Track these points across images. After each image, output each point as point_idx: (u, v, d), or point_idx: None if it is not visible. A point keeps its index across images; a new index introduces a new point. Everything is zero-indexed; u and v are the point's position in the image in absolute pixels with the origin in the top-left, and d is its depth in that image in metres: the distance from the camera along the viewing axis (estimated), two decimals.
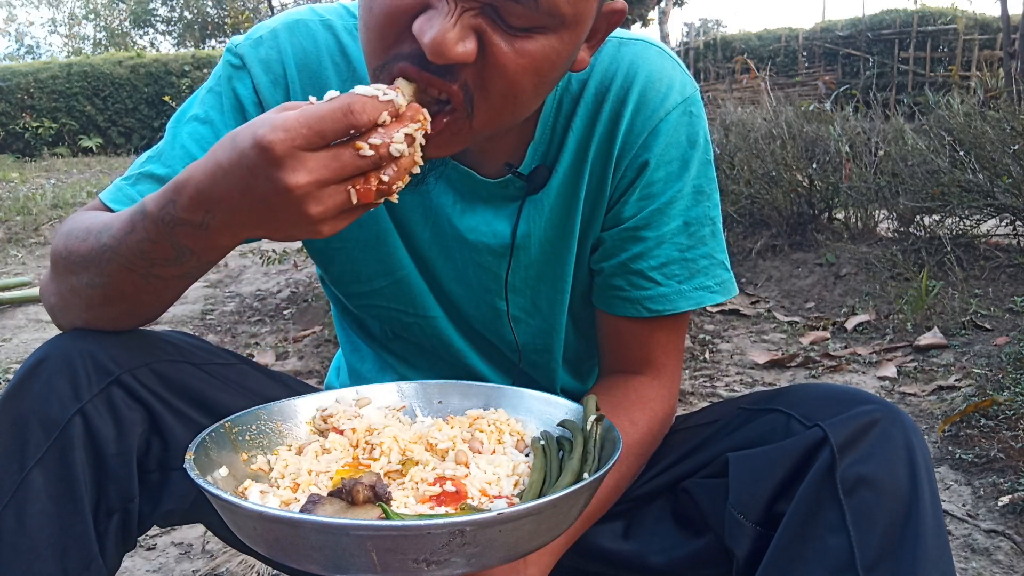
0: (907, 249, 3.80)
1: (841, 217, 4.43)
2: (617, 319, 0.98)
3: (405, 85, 0.71)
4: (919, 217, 3.92)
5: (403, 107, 0.67)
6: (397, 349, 1.09)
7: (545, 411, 0.86)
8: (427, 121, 0.69)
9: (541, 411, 0.86)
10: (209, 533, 1.32)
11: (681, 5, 13.97)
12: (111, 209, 0.88)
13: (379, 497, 0.65)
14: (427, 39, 0.68)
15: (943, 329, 3.04)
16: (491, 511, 0.59)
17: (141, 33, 29.07)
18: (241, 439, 0.78)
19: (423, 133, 0.68)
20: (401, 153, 0.66)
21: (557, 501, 0.62)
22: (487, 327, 1.02)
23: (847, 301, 3.61)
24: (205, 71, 14.01)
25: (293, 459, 0.76)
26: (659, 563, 0.91)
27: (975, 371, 2.56)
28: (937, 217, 3.87)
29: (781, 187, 4.29)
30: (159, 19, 28.12)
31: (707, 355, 3.09)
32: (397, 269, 0.99)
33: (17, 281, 4.67)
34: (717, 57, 16.15)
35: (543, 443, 0.78)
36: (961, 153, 3.71)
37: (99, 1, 29.88)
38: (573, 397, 1.10)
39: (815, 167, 4.31)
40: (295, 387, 1.00)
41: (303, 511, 0.64)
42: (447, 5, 0.69)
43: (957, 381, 2.56)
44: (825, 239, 4.21)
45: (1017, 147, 3.50)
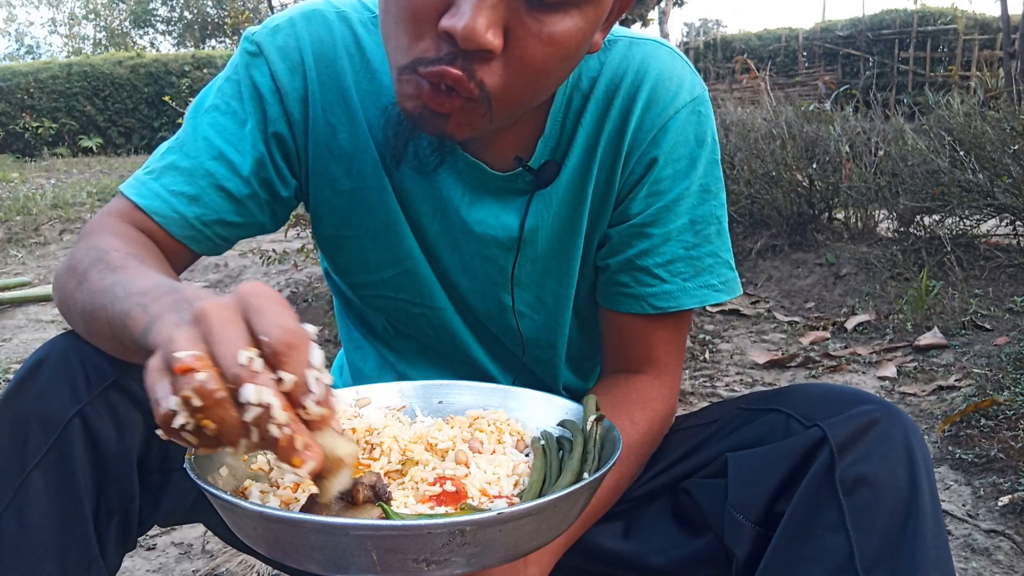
0: (907, 249, 3.81)
1: (841, 217, 4.43)
2: (620, 316, 0.98)
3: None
4: (919, 217, 3.92)
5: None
6: (399, 346, 1.09)
7: (545, 411, 0.85)
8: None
9: (541, 411, 0.86)
10: (209, 533, 1.32)
11: (681, 5, 13.97)
12: (138, 205, 0.88)
13: (379, 497, 0.65)
14: (460, 26, 0.69)
15: (943, 329, 3.04)
16: (491, 511, 0.59)
17: (141, 33, 29.08)
18: None
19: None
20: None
21: (557, 501, 0.62)
22: (492, 320, 1.03)
23: (847, 301, 3.61)
24: (205, 71, 14.02)
25: None
26: (659, 563, 0.91)
27: (975, 371, 2.56)
28: (937, 217, 3.87)
29: (781, 187, 4.30)
30: (159, 19, 28.14)
31: (707, 355, 3.09)
32: (405, 259, 0.99)
33: (17, 281, 4.67)
34: (717, 57, 16.15)
35: (543, 443, 0.78)
36: (961, 153, 3.71)
37: (99, 1, 29.89)
38: (575, 395, 1.10)
39: (815, 167, 4.31)
40: None
41: (303, 511, 0.64)
42: None
43: (957, 381, 2.56)
44: (825, 239, 4.21)
45: (1017, 147, 3.50)
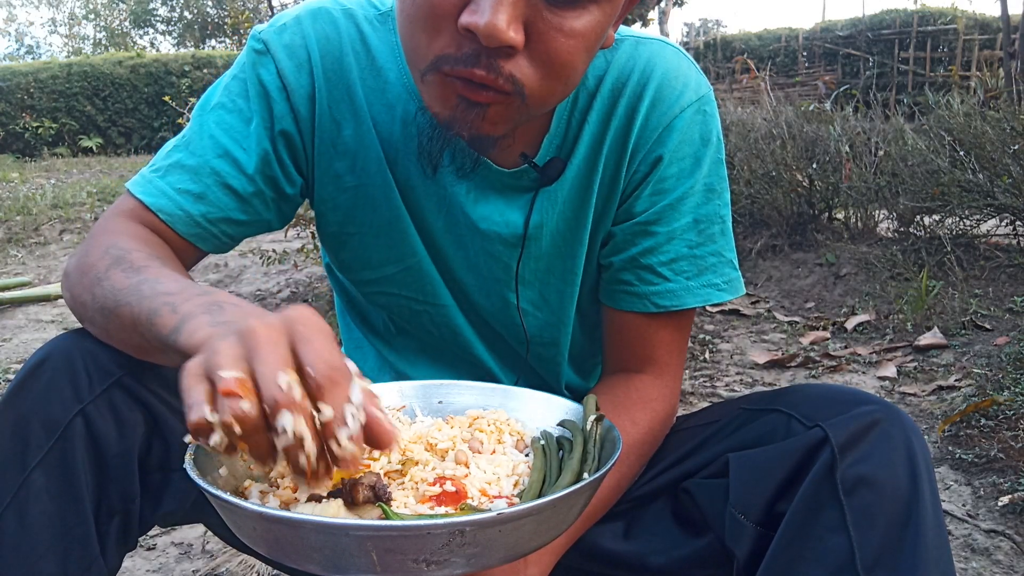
0: (907, 249, 3.81)
1: (841, 217, 4.43)
2: (623, 314, 0.98)
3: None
4: (919, 217, 3.92)
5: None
6: (399, 345, 1.09)
7: (545, 411, 0.85)
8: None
9: (541, 411, 0.86)
10: (209, 533, 1.32)
11: (681, 5, 13.97)
12: (145, 204, 0.88)
13: (379, 497, 0.65)
14: (482, 23, 0.69)
15: (943, 329, 3.04)
16: (491, 511, 0.59)
17: (141, 33, 29.08)
18: None
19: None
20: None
21: (557, 501, 0.62)
22: (496, 318, 1.03)
23: (847, 301, 3.61)
24: (205, 71, 14.02)
25: None
26: (659, 563, 0.91)
27: (975, 371, 2.56)
28: (937, 217, 3.87)
29: (781, 187, 4.29)
30: (159, 19, 28.13)
31: (707, 355, 3.09)
32: (409, 256, 0.99)
33: (17, 281, 4.67)
34: (717, 57, 16.14)
35: (543, 443, 0.77)
36: (961, 153, 3.71)
37: (99, 1, 29.88)
38: (577, 394, 1.10)
39: (815, 167, 4.31)
40: None
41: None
42: None
43: (957, 381, 2.56)
44: (825, 239, 4.21)
45: (1017, 147, 3.50)
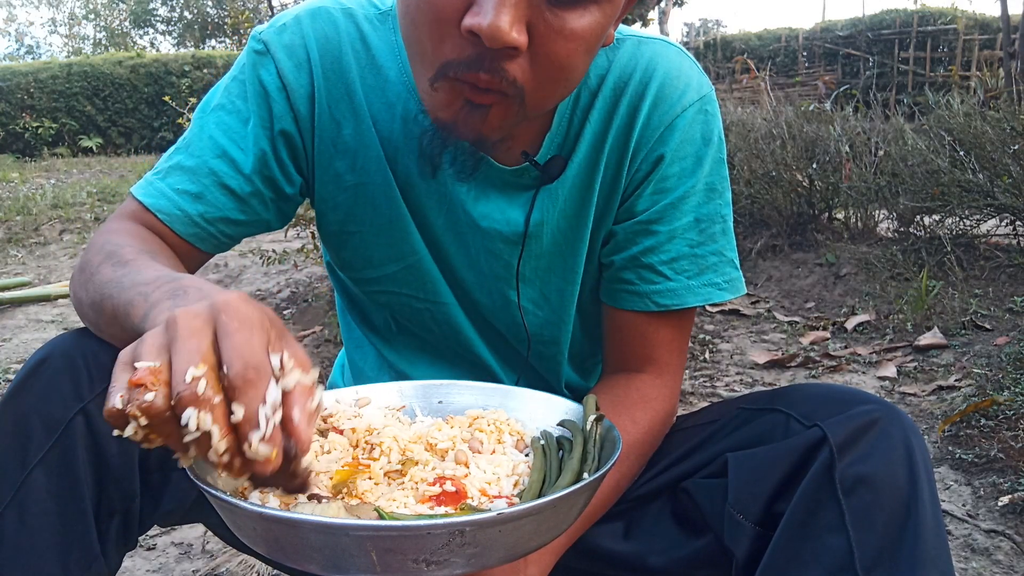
0: (907, 249, 3.81)
1: (841, 217, 4.43)
2: (623, 313, 0.98)
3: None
4: (919, 217, 3.92)
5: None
6: (400, 343, 1.09)
7: (545, 411, 0.86)
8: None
9: (541, 411, 0.86)
10: (209, 533, 1.32)
11: (681, 5, 13.98)
12: (145, 205, 0.90)
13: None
14: (485, 24, 0.70)
15: (943, 329, 3.04)
16: (491, 511, 0.59)
17: (141, 33, 29.08)
18: None
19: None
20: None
21: (557, 501, 0.62)
22: (496, 316, 1.03)
23: (847, 301, 3.61)
24: (205, 71, 14.02)
25: None
26: (659, 563, 0.91)
27: (975, 371, 2.56)
28: (937, 217, 3.87)
29: (781, 187, 4.30)
30: (159, 19, 28.13)
31: (707, 355, 3.09)
32: (409, 254, 0.99)
33: (17, 281, 4.66)
34: (717, 57, 16.14)
35: (543, 443, 0.78)
36: (961, 153, 3.71)
37: (99, 1, 29.88)
38: (577, 393, 1.10)
39: (815, 167, 4.31)
40: None
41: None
42: None
43: (957, 381, 2.56)
44: (825, 239, 4.21)
45: (1017, 147, 3.50)
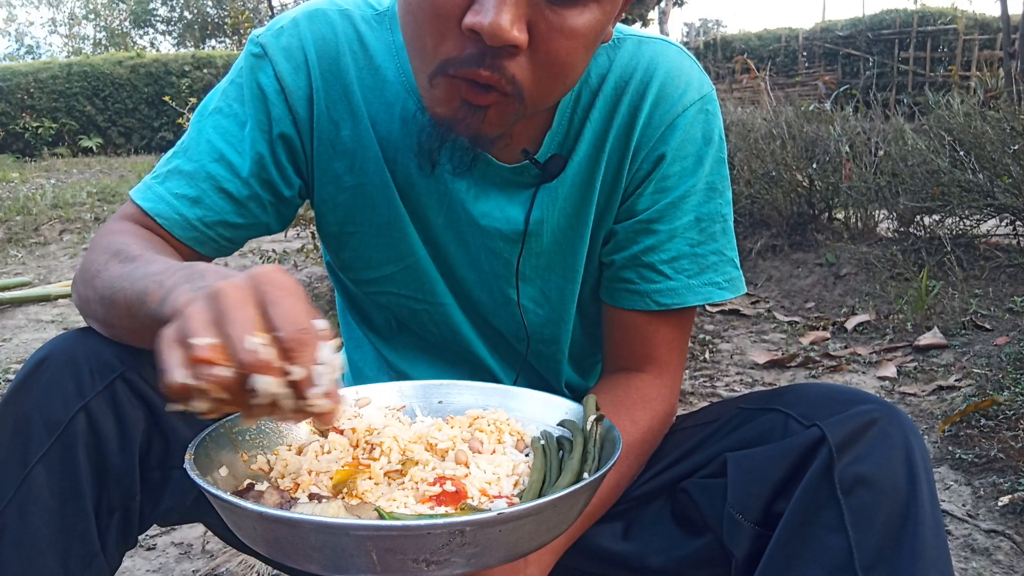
0: (907, 249, 3.80)
1: (841, 217, 4.43)
2: (624, 313, 0.98)
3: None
4: (919, 217, 3.92)
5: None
6: (399, 344, 1.09)
7: (545, 411, 0.86)
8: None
9: (541, 411, 0.86)
10: (209, 533, 1.32)
11: (681, 5, 13.98)
12: (144, 209, 0.91)
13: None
14: (486, 22, 0.71)
15: (943, 329, 3.04)
16: (491, 511, 0.59)
17: (141, 33, 29.07)
18: (241, 439, 0.78)
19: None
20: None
21: (557, 501, 0.62)
22: (496, 315, 1.03)
23: (847, 301, 3.61)
24: (205, 71, 14.01)
25: (293, 459, 0.76)
26: (658, 563, 0.91)
27: (975, 371, 2.56)
28: (937, 217, 3.87)
29: (781, 187, 4.30)
30: (159, 19, 28.13)
31: (707, 355, 3.09)
32: (407, 255, 0.99)
33: (17, 281, 4.66)
34: (717, 57, 16.14)
35: (543, 443, 0.78)
36: (961, 153, 3.71)
37: (99, 1, 29.88)
38: (577, 393, 1.11)
39: (815, 167, 4.31)
40: None
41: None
42: None
43: (957, 381, 2.56)
44: (825, 239, 4.21)
45: (1017, 147, 3.50)
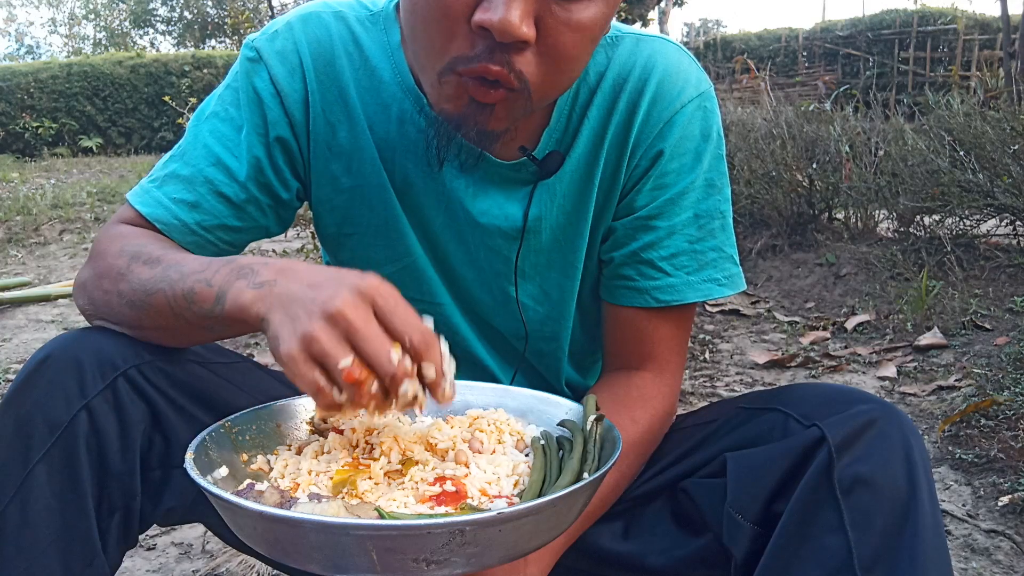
0: (907, 249, 3.80)
1: (841, 217, 4.43)
2: (623, 310, 0.98)
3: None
4: (919, 217, 3.92)
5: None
6: None
7: (545, 411, 0.86)
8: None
9: (541, 411, 0.86)
10: (209, 533, 1.32)
11: (681, 5, 13.96)
12: (142, 214, 0.91)
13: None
14: (496, 19, 0.72)
15: (943, 329, 3.04)
16: (491, 511, 0.59)
17: (141, 33, 29.05)
18: (241, 439, 0.78)
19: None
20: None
21: (557, 501, 0.62)
22: (495, 313, 1.03)
23: (847, 301, 3.61)
24: (205, 71, 14.01)
25: (293, 459, 0.76)
26: (658, 563, 0.91)
27: (975, 371, 2.56)
28: (937, 217, 3.87)
29: (781, 187, 4.30)
30: (159, 19, 28.12)
31: (707, 355, 3.09)
32: (405, 255, 0.99)
33: (17, 281, 4.66)
34: (717, 57, 16.14)
35: (543, 443, 0.78)
36: (961, 153, 3.71)
37: (99, 1, 29.88)
38: (577, 391, 1.11)
39: (815, 167, 4.31)
40: (295, 387, 1.00)
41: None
42: None
43: (957, 381, 2.56)
44: (825, 239, 4.21)
45: (1017, 147, 3.50)
